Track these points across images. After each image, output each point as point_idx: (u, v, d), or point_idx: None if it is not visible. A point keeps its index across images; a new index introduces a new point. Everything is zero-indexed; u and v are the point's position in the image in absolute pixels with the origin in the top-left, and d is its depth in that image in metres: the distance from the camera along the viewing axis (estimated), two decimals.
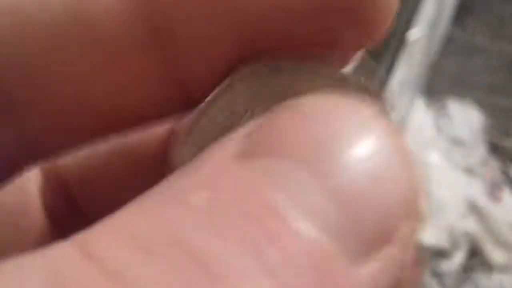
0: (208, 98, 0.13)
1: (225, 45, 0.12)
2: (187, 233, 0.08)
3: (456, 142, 0.80)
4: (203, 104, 0.13)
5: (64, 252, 0.08)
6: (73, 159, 0.16)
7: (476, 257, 0.69)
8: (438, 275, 0.68)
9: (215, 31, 0.12)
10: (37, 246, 0.15)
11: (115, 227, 0.09)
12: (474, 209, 0.70)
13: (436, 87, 0.84)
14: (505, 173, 0.75)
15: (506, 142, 0.80)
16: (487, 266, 0.68)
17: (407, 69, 0.68)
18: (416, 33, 0.66)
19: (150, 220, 0.09)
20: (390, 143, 0.10)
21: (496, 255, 0.68)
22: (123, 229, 0.09)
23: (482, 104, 0.81)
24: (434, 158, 0.78)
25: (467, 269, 0.69)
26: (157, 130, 0.15)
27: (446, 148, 0.79)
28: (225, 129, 0.12)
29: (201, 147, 0.12)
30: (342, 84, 0.12)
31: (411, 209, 0.10)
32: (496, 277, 0.67)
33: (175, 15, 0.11)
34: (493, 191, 0.72)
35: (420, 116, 0.81)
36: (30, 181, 0.16)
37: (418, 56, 0.73)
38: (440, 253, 0.69)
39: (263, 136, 0.10)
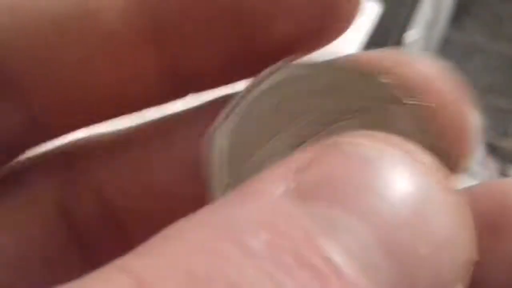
0: (237, 98, 0.13)
1: (224, 39, 0.13)
2: (250, 283, 0.08)
3: None
4: (234, 102, 0.13)
5: (121, 283, 0.08)
6: (113, 173, 0.15)
7: None
8: None
9: (215, 25, 0.12)
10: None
11: (172, 262, 0.08)
12: None
13: None
14: (503, 174, 0.75)
15: (505, 142, 0.80)
16: None
17: None
18: (413, 35, 0.66)
19: (209, 261, 0.08)
20: (451, 201, 0.09)
21: None
22: (184, 269, 0.08)
23: (480, 104, 0.81)
24: None
25: None
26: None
27: None
28: (261, 127, 0.12)
29: (236, 144, 0.12)
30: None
31: (465, 271, 0.09)
32: None
33: (176, 9, 0.12)
34: None
35: None
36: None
37: None
38: None
39: (315, 177, 0.09)
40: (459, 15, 0.91)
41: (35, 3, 0.13)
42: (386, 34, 0.49)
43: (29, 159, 0.15)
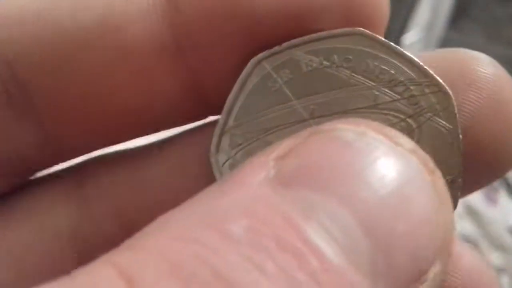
0: (236, 86, 0.13)
1: (240, 49, 0.13)
2: (230, 268, 0.08)
3: None
4: (233, 91, 0.13)
5: (108, 278, 0.08)
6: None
7: None
8: None
9: (230, 37, 0.13)
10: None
11: (156, 253, 0.08)
12: (470, 211, 0.71)
13: None
14: None
15: None
16: None
17: None
18: (411, 37, 0.66)
19: (191, 249, 0.08)
20: (430, 183, 0.09)
21: (492, 257, 0.68)
22: (165, 258, 0.08)
23: None
24: None
25: None
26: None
27: None
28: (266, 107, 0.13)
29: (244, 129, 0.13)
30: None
31: (444, 251, 0.09)
32: None
33: (195, 25, 0.12)
34: (489, 194, 0.72)
35: None
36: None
37: None
38: None
39: (296, 163, 0.09)
40: (458, 16, 0.91)
41: (55, 16, 0.12)
42: (385, 35, 0.49)
43: (41, 177, 0.15)
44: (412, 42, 0.67)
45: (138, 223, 0.14)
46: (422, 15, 0.70)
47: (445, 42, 0.89)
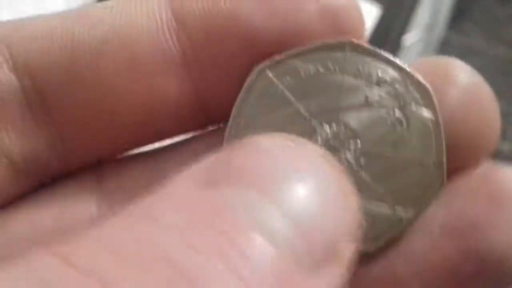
0: (241, 94, 0.14)
1: (240, 65, 0.14)
2: (166, 248, 0.09)
3: None
4: (238, 101, 0.14)
5: (48, 263, 0.09)
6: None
7: None
8: None
9: (231, 52, 0.14)
10: None
11: (93, 240, 0.09)
12: None
13: None
14: None
15: (503, 145, 0.80)
16: None
17: None
18: (411, 37, 0.66)
19: (131, 236, 0.10)
20: (336, 178, 0.11)
21: None
22: (102, 242, 0.09)
23: None
24: None
25: None
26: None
27: None
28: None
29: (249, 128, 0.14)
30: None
31: (353, 233, 0.11)
32: None
33: (200, 41, 0.14)
34: None
35: None
36: None
37: (414, 61, 0.73)
38: None
39: (221, 169, 0.11)
40: (458, 17, 0.91)
41: (73, 30, 0.14)
42: (385, 36, 0.49)
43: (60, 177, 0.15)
44: (412, 42, 0.67)
45: None
46: (422, 16, 0.70)
47: (445, 43, 0.89)
